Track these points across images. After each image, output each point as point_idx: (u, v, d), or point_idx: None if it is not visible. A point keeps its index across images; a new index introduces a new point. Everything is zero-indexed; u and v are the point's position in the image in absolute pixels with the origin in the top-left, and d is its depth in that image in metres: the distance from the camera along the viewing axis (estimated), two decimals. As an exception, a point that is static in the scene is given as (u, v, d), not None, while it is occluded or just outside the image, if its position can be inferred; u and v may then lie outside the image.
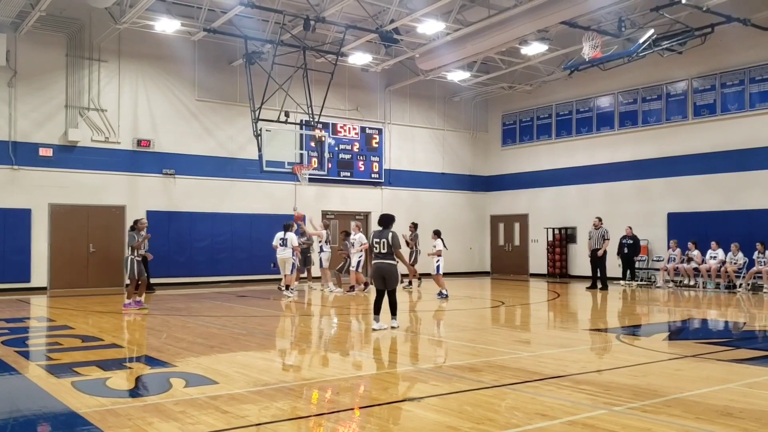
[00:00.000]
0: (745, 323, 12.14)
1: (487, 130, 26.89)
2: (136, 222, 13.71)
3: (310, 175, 19.62)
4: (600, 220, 19.49)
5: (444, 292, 15.99)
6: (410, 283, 18.45)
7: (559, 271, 23.73)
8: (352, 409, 5.81)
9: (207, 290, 18.44)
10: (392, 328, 10.16)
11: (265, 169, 18.21)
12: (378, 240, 10.06)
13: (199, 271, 19.98)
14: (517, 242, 25.91)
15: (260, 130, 17.96)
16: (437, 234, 17.08)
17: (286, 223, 17.25)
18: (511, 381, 6.61)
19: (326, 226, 19.06)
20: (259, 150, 18.01)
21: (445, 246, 16.89)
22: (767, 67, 18.78)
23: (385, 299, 10.20)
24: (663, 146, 21.02)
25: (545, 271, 24.27)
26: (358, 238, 17.11)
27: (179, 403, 5.69)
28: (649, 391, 6.42)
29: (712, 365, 7.66)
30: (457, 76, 22.62)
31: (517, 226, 25.84)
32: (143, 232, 13.51)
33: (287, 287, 16.51)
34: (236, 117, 20.68)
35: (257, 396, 6.00)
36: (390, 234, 10.07)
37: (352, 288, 17.46)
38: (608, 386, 6.53)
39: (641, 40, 17.54)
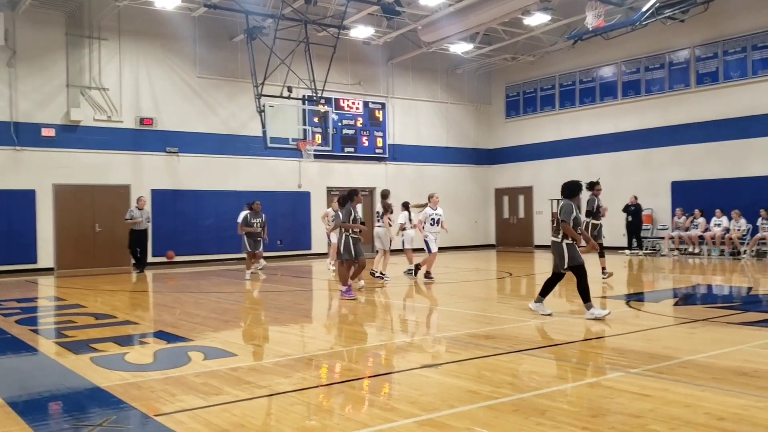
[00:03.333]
0: (751, 288, 12.21)
1: (490, 102, 26.77)
2: (352, 194, 11.57)
3: (315, 151, 19.59)
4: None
5: (410, 267, 14.47)
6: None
7: (563, 242, 23.73)
8: (371, 376, 5.88)
9: (214, 268, 18.50)
10: (594, 318, 8.34)
11: (269, 145, 18.16)
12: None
13: (205, 249, 20.02)
14: (521, 214, 25.94)
15: (263, 106, 17.90)
16: (404, 206, 15.25)
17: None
18: (525, 347, 6.67)
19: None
20: (263, 126, 17.96)
21: (410, 219, 14.80)
22: (771, 33, 18.66)
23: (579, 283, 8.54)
24: (666, 115, 20.94)
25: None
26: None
27: (200, 375, 5.75)
28: (662, 354, 6.47)
29: (723, 328, 7.72)
30: (460, 48, 22.46)
31: (521, 198, 25.84)
32: (359, 206, 11.69)
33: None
34: (238, 93, 20.58)
35: (277, 366, 6.06)
36: (561, 204, 8.90)
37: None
38: (622, 350, 6.59)
39: (644, 9, 17.40)
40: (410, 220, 14.80)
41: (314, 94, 18.97)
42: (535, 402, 4.72)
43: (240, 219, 16.16)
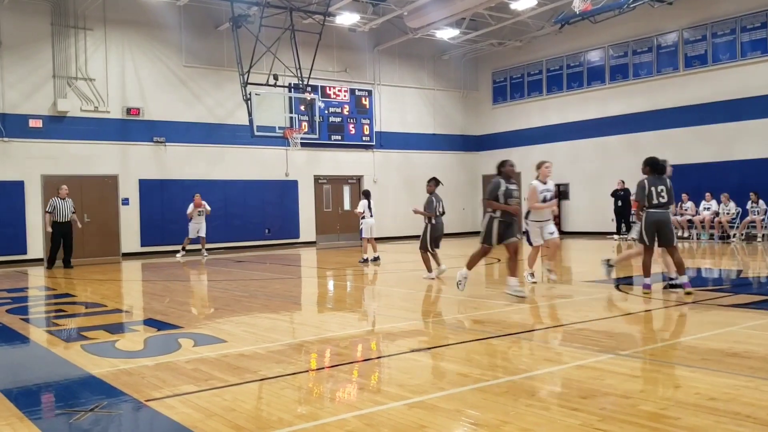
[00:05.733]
0: (741, 271, 12.29)
1: (477, 88, 26.73)
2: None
3: (302, 139, 19.51)
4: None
5: (364, 257, 14.80)
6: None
7: (552, 228, 23.82)
8: (361, 360, 5.88)
9: (202, 257, 18.43)
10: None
11: (256, 134, 18.08)
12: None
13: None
14: (510, 200, 25.93)
15: (249, 94, 17.80)
16: (364, 195, 15.40)
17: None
18: (515, 331, 6.69)
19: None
20: (249, 115, 17.87)
21: (370, 208, 14.97)
22: (759, 15, 18.67)
23: None
24: (654, 99, 20.99)
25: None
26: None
27: (191, 361, 5.73)
28: (652, 336, 6.52)
29: (714, 311, 7.76)
30: (446, 33, 22.38)
31: (510, 184, 25.82)
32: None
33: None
34: (225, 82, 20.45)
35: (267, 352, 6.05)
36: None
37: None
38: (612, 333, 6.62)
39: (632, -8, 17.40)
40: (370, 208, 15.00)
41: (300, 82, 18.88)
42: (525, 384, 4.74)
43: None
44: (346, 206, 23.57)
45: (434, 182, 11.79)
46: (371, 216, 15.04)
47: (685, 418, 3.88)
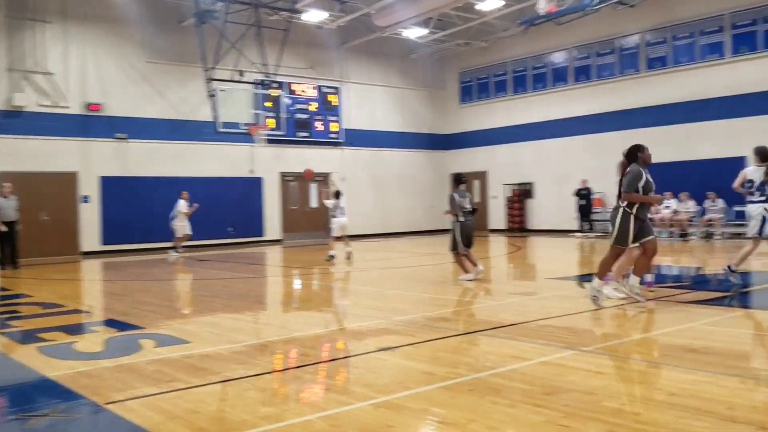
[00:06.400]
0: (700, 268, 12.55)
1: (445, 87, 26.84)
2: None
3: (267, 136, 19.36)
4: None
5: (330, 253, 14.76)
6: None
7: (518, 226, 24.11)
8: (326, 361, 5.83)
9: (165, 256, 18.15)
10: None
11: (219, 130, 17.89)
12: None
13: (156, 237, 19.60)
14: (476, 199, 26.12)
15: (214, 90, 17.59)
16: (335, 195, 15.38)
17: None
18: (481, 328, 6.71)
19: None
20: (214, 111, 17.66)
21: (341, 208, 14.96)
22: (717, 20, 19.07)
23: None
24: (617, 100, 21.31)
25: (505, 227, 24.62)
26: None
27: (152, 362, 5.62)
28: (614, 333, 6.60)
29: (674, 307, 7.89)
30: (414, 32, 22.42)
31: (476, 183, 26.03)
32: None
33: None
34: (188, 78, 20.14)
35: (230, 353, 5.96)
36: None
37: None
38: (575, 330, 6.69)
39: (596, -7, 17.63)
40: (340, 207, 14.91)
41: (266, 78, 18.71)
42: (490, 381, 4.75)
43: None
44: (313, 204, 23.47)
45: (455, 179, 10.90)
46: (343, 215, 14.91)
47: (647, 413, 3.93)
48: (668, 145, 20.03)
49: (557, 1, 18.01)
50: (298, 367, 5.58)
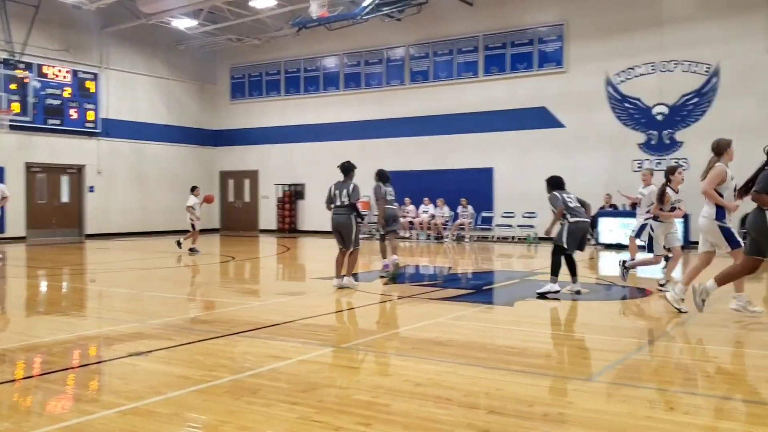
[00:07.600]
0: (450, 267, 13.63)
1: (215, 82, 26.17)
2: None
3: (10, 121, 17.33)
4: None
5: (179, 239, 16.43)
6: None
7: (288, 227, 24.26)
8: (72, 368, 5.34)
9: None
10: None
11: (-49, 112, 15.66)
12: None
13: None
14: (247, 198, 25.85)
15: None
16: (191, 190, 16.85)
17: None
18: (243, 329, 6.62)
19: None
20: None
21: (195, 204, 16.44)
22: (471, 40, 20.88)
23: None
24: (383, 108, 22.41)
25: (275, 227, 24.64)
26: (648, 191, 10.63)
27: None
28: (371, 329, 6.89)
29: (424, 303, 8.47)
30: (183, 23, 21.53)
31: (247, 182, 25.74)
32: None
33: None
34: None
35: (-49, 364, 5.21)
36: None
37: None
38: (335, 328, 6.89)
39: (364, 4, 18.37)
40: (195, 205, 16.05)
41: (11, 58, 16.76)
42: (249, 382, 4.69)
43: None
44: (64, 198, 21.49)
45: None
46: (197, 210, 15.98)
47: (394, 404, 4.15)
48: (427, 154, 21.55)
49: (329, 7, 18.45)
50: (38, 375, 5.04)
